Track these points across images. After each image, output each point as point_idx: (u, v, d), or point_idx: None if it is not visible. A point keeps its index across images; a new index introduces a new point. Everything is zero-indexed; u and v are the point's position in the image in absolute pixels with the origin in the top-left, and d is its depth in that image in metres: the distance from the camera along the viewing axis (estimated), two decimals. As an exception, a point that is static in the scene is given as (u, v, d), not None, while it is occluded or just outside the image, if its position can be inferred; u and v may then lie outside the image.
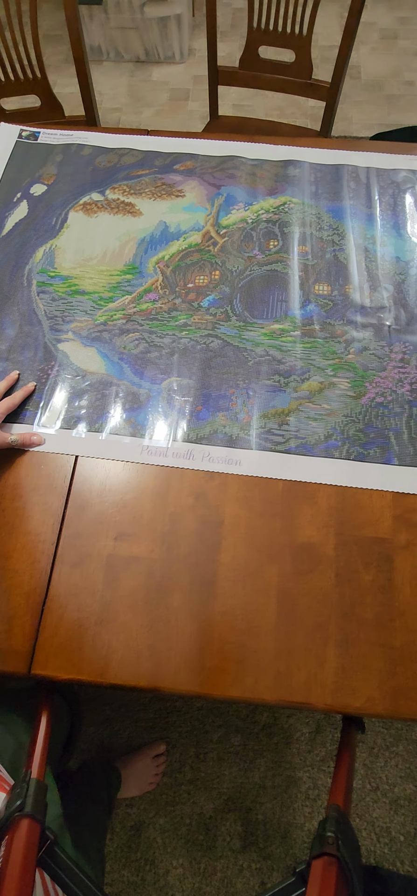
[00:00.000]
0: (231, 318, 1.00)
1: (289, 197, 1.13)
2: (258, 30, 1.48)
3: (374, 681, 0.73)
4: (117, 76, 2.61)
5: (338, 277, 1.04)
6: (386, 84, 2.48)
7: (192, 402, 0.92)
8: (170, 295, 1.03)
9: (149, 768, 1.33)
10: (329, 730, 1.39)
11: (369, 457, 0.87)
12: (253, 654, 0.74)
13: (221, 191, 1.15)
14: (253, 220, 1.11)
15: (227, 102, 2.45)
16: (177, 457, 0.88)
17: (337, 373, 0.94)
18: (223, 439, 0.89)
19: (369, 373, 0.94)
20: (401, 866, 1.28)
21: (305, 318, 1.00)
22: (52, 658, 0.75)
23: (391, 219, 1.10)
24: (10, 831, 0.60)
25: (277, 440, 0.88)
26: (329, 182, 1.15)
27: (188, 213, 1.12)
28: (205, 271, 1.05)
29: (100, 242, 1.10)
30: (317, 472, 0.86)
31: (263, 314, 1.00)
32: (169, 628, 0.76)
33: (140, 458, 0.88)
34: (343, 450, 0.87)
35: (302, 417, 0.90)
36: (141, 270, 1.06)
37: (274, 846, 1.30)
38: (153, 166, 1.19)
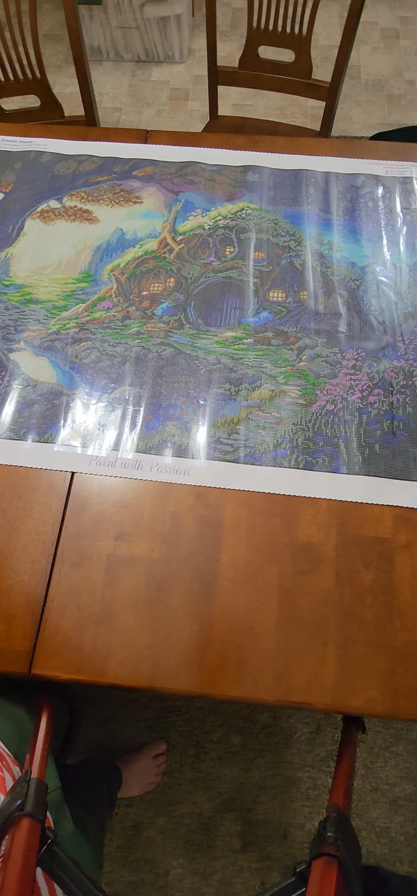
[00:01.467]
0: (184, 326, 0.99)
1: (247, 203, 1.13)
2: (258, 30, 1.47)
3: (374, 681, 0.73)
4: (117, 76, 2.61)
5: (293, 284, 1.03)
6: (387, 84, 2.48)
7: (143, 412, 0.92)
8: (125, 303, 1.02)
9: (149, 768, 1.33)
10: (329, 730, 1.39)
11: (317, 465, 0.86)
12: (253, 654, 0.74)
13: (179, 197, 1.14)
14: (210, 226, 1.10)
15: (228, 102, 2.45)
16: (125, 467, 0.87)
17: (289, 380, 0.93)
18: (172, 449, 0.88)
19: (320, 380, 0.93)
20: (401, 866, 1.28)
21: (258, 325, 0.99)
22: (53, 658, 0.75)
23: (348, 224, 1.09)
24: (11, 830, 0.60)
25: (226, 449, 0.88)
26: (287, 187, 1.14)
27: (145, 220, 1.12)
28: (160, 279, 1.05)
29: (56, 250, 1.09)
30: (265, 482, 0.85)
31: (217, 322, 1.00)
32: (169, 628, 0.76)
33: (88, 468, 0.87)
34: (291, 458, 0.87)
35: (251, 426, 0.90)
36: (96, 278, 1.05)
37: (273, 846, 1.30)
38: (112, 172, 1.18)
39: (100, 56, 2.65)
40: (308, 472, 0.85)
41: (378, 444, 0.87)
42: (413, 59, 2.55)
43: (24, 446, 0.89)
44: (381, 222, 1.09)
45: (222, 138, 1.22)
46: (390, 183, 1.13)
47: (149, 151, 1.20)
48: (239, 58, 1.55)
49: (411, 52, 2.57)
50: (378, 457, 0.86)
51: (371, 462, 0.86)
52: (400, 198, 1.12)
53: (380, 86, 2.48)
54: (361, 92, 2.47)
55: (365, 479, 0.85)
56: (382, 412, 0.90)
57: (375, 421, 0.89)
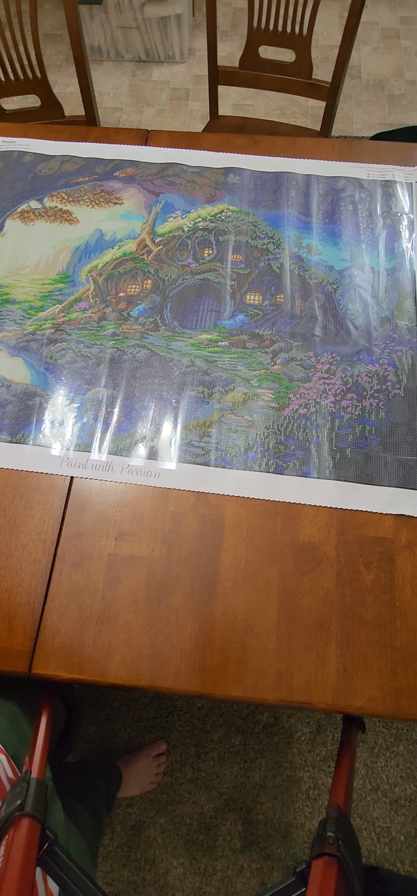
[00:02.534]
0: (160, 328, 0.99)
1: (227, 205, 1.12)
2: (258, 29, 1.47)
3: (375, 681, 0.72)
4: (118, 76, 2.61)
5: (270, 287, 1.03)
6: (388, 84, 2.48)
7: (116, 414, 0.92)
8: (101, 304, 1.02)
9: (149, 768, 1.33)
10: (329, 729, 1.39)
11: (287, 469, 0.86)
12: (254, 654, 0.74)
13: (160, 198, 1.14)
14: (189, 228, 1.10)
15: (228, 102, 2.45)
16: (96, 469, 0.87)
17: (262, 384, 0.93)
18: (143, 451, 0.88)
19: (294, 384, 0.93)
20: (401, 866, 1.28)
21: (234, 328, 0.99)
22: (53, 657, 0.75)
23: (327, 227, 1.09)
24: (11, 830, 0.60)
25: (197, 452, 0.88)
26: (268, 190, 1.13)
27: (125, 221, 1.11)
28: (138, 280, 1.04)
29: (35, 251, 1.09)
30: (234, 485, 0.85)
31: (193, 324, 0.99)
32: (170, 628, 0.76)
33: (60, 469, 0.87)
34: (262, 462, 0.86)
35: (223, 429, 0.89)
36: (73, 279, 1.05)
37: (274, 846, 1.30)
38: (93, 173, 1.17)
39: (100, 56, 2.65)
40: (277, 476, 0.85)
41: (349, 449, 0.87)
42: (413, 59, 2.55)
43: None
44: (361, 226, 1.08)
45: (222, 138, 1.22)
46: (371, 186, 1.13)
47: (132, 152, 1.20)
48: (239, 58, 1.55)
49: (411, 52, 2.57)
50: (348, 461, 0.86)
51: (341, 466, 0.86)
52: (381, 201, 1.11)
53: (381, 86, 2.48)
54: (362, 92, 2.47)
55: (336, 484, 0.84)
56: (355, 417, 0.89)
57: (347, 425, 0.89)
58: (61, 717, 1.05)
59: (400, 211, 1.10)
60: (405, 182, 1.13)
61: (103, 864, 1.30)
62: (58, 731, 1.03)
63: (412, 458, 0.86)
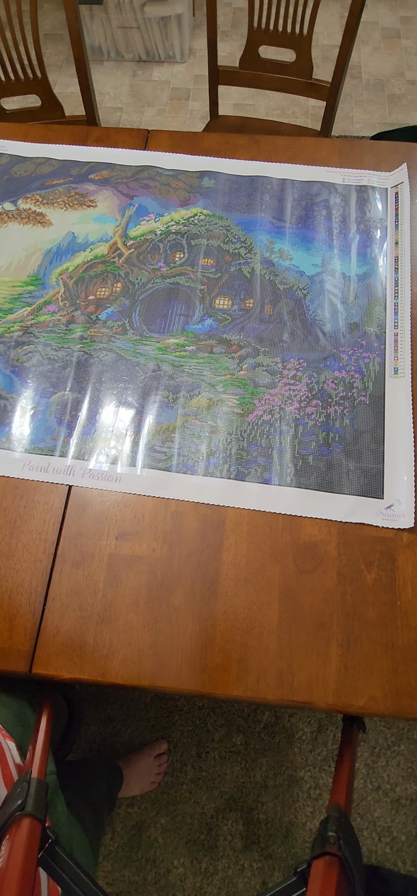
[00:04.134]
0: (127, 332, 0.98)
1: (201, 209, 1.11)
2: (258, 29, 1.47)
3: (377, 680, 0.72)
4: (118, 76, 2.61)
5: (240, 291, 1.02)
6: (388, 83, 2.48)
7: (81, 417, 0.91)
8: (70, 307, 1.01)
9: (150, 767, 1.33)
10: (330, 729, 1.39)
11: (248, 476, 0.85)
12: (256, 654, 0.74)
13: (133, 201, 1.13)
14: (162, 231, 1.09)
15: (229, 102, 2.45)
16: (58, 472, 0.87)
17: (227, 389, 0.92)
18: (106, 455, 0.88)
19: (259, 390, 0.92)
20: (402, 866, 1.28)
21: (202, 332, 0.98)
22: (54, 657, 0.75)
23: (300, 232, 1.07)
24: (11, 830, 0.60)
25: (159, 458, 0.87)
26: (243, 194, 1.12)
27: (98, 224, 1.10)
28: (107, 283, 1.03)
29: (6, 253, 1.08)
30: (196, 492, 0.84)
31: (161, 328, 0.99)
32: (171, 627, 0.76)
33: (21, 473, 0.87)
34: (223, 468, 0.86)
35: (186, 434, 0.89)
36: (43, 282, 1.05)
37: (275, 846, 1.30)
38: (68, 175, 1.17)
39: (100, 56, 2.65)
40: (238, 483, 0.85)
41: (311, 456, 0.86)
42: (414, 58, 2.55)
43: None
44: (334, 231, 1.07)
45: (223, 138, 1.22)
46: (345, 191, 1.11)
47: (108, 155, 1.19)
48: (239, 57, 1.55)
49: (412, 52, 2.57)
50: (310, 468, 0.85)
51: (303, 473, 0.85)
52: (355, 207, 1.09)
53: (381, 85, 2.48)
54: (362, 92, 2.46)
55: (295, 491, 0.84)
56: (318, 423, 0.89)
57: (311, 432, 0.88)
58: (63, 716, 1.05)
59: (374, 217, 1.08)
60: (380, 187, 1.11)
61: (104, 864, 1.30)
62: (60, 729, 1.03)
63: (374, 467, 0.85)
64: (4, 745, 0.70)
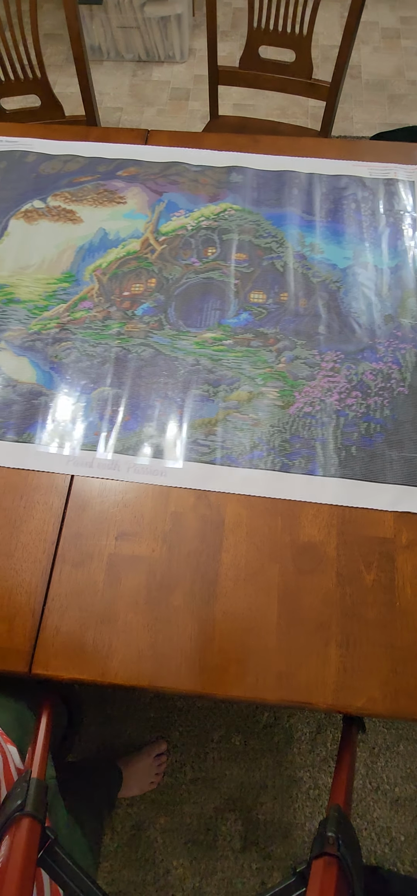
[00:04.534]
0: (164, 327, 0.99)
1: (230, 203, 1.12)
2: (258, 29, 1.47)
3: (376, 681, 0.72)
4: (118, 76, 2.61)
5: (274, 285, 1.03)
6: (389, 84, 2.48)
7: (121, 413, 0.92)
8: (106, 303, 1.02)
9: (150, 768, 1.33)
10: (330, 729, 1.39)
11: (293, 467, 0.86)
12: (255, 654, 0.74)
13: (163, 197, 1.14)
14: (193, 227, 1.10)
15: (228, 102, 2.45)
16: (102, 468, 0.87)
17: (267, 382, 0.93)
18: (149, 450, 0.88)
19: (298, 382, 0.93)
20: (402, 866, 1.28)
21: (238, 326, 0.99)
22: (53, 657, 0.75)
23: (330, 226, 1.09)
24: (11, 830, 0.60)
25: (203, 451, 0.88)
26: (271, 189, 1.14)
27: (128, 221, 1.11)
28: (142, 279, 1.04)
29: (39, 250, 1.09)
30: (241, 484, 0.85)
31: (197, 322, 0.99)
32: (170, 628, 0.76)
33: (65, 468, 0.87)
34: (268, 460, 0.86)
35: (229, 427, 0.89)
36: (77, 279, 1.05)
37: (274, 846, 1.30)
38: (96, 173, 1.18)
39: (100, 56, 2.65)
40: (283, 474, 0.85)
41: (354, 447, 0.87)
42: (414, 58, 2.55)
43: (2, 446, 0.90)
44: (363, 224, 1.08)
45: (223, 138, 1.22)
46: (373, 185, 1.13)
47: (134, 152, 1.20)
48: (239, 57, 1.55)
49: (412, 52, 2.57)
50: (354, 459, 0.86)
51: (347, 464, 0.86)
52: (383, 199, 1.11)
53: (381, 86, 2.48)
54: (362, 92, 2.47)
55: (341, 482, 0.85)
56: (359, 415, 0.90)
57: (352, 423, 0.89)
58: (63, 717, 1.05)
59: (403, 209, 1.10)
60: (407, 180, 1.13)
61: (104, 864, 1.30)
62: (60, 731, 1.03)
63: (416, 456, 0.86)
64: (6, 750, 0.70)
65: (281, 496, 0.84)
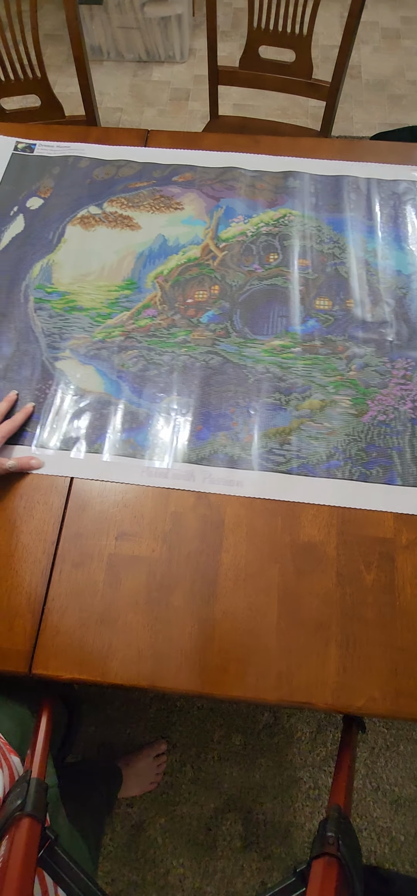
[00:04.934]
0: (231, 335, 0.98)
1: (289, 209, 1.11)
2: (258, 29, 1.47)
3: (376, 681, 0.72)
4: (118, 76, 2.61)
5: (339, 292, 1.01)
6: (389, 84, 2.48)
7: (192, 422, 0.90)
8: (169, 311, 1.01)
9: (150, 768, 1.33)
10: (330, 729, 1.39)
11: (371, 477, 0.85)
12: (255, 654, 0.74)
13: (220, 203, 1.13)
14: (252, 233, 1.09)
15: (229, 102, 2.45)
16: (178, 478, 0.86)
17: (339, 390, 0.92)
18: (224, 460, 0.87)
19: (370, 390, 0.92)
20: (402, 866, 1.28)
21: (306, 333, 0.97)
22: (53, 657, 0.75)
23: (392, 231, 1.08)
24: (11, 830, 0.60)
25: (279, 460, 0.86)
26: (329, 194, 1.13)
27: (187, 227, 1.10)
28: (205, 286, 1.03)
29: (98, 257, 1.07)
30: (319, 493, 0.84)
31: (263, 330, 0.98)
32: (170, 628, 0.76)
33: (140, 479, 0.86)
34: (345, 470, 0.85)
35: (303, 437, 0.88)
36: (139, 286, 1.04)
37: (274, 846, 1.30)
38: (151, 178, 1.17)
39: (101, 56, 2.65)
40: (362, 484, 0.84)
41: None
42: (414, 59, 2.55)
43: (73, 456, 0.88)
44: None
45: (224, 138, 1.22)
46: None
47: (188, 157, 1.19)
48: (239, 58, 1.55)
49: (412, 52, 2.57)
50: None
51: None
52: None
53: (381, 86, 2.48)
54: (362, 92, 2.47)
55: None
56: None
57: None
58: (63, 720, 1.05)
59: None
60: None
61: (104, 864, 1.30)
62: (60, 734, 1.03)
63: None
64: (10, 761, 0.70)
65: (361, 507, 0.83)
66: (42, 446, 0.89)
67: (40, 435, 0.90)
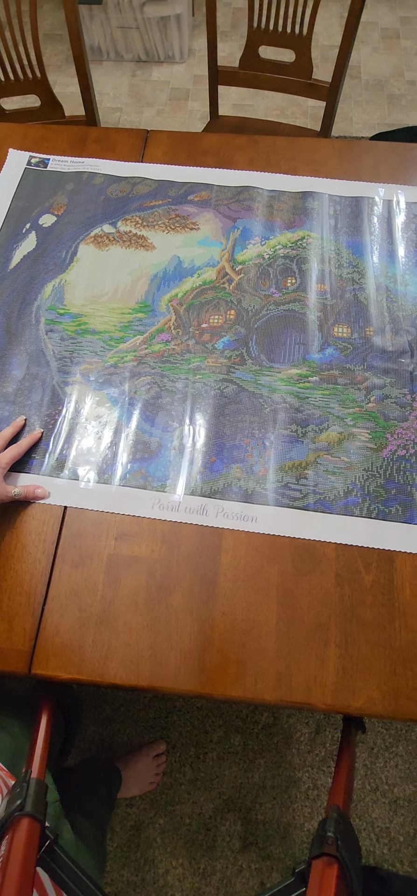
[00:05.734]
0: (246, 362, 0.94)
1: (308, 231, 1.07)
2: (258, 30, 1.47)
3: (374, 681, 0.73)
4: (118, 76, 2.61)
5: (358, 319, 0.97)
6: (388, 84, 2.48)
7: (206, 453, 0.87)
8: (184, 335, 0.97)
9: (149, 768, 1.33)
10: (329, 730, 1.39)
11: (390, 515, 0.81)
12: (254, 654, 0.74)
13: (237, 224, 1.09)
14: (269, 255, 1.05)
15: (228, 102, 2.45)
16: (190, 512, 0.83)
17: (357, 423, 0.88)
18: (238, 493, 0.83)
19: (390, 423, 0.88)
20: (401, 867, 1.28)
21: (324, 362, 0.94)
22: (53, 658, 0.75)
23: (413, 256, 1.04)
24: (11, 830, 0.60)
25: (295, 495, 0.83)
26: (348, 216, 1.09)
27: (203, 248, 1.07)
28: (220, 310, 0.99)
29: (112, 278, 1.04)
30: (336, 532, 0.81)
31: (280, 357, 0.94)
32: (169, 628, 0.76)
33: (151, 512, 0.83)
34: (363, 507, 0.82)
35: (320, 471, 0.84)
36: (153, 308, 1.00)
37: (273, 846, 1.30)
38: (166, 196, 1.13)
39: (100, 56, 2.65)
40: (381, 522, 0.81)
41: None
42: (413, 59, 2.55)
43: (83, 487, 0.85)
44: None
45: (223, 138, 1.22)
46: None
47: (205, 175, 1.16)
48: (239, 58, 1.55)
49: (411, 53, 2.57)
50: None
51: None
52: None
53: (381, 86, 2.48)
54: (361, 92, 2.47)
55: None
56: None
57: None
58: (61, 728, 1.06)
59: None
60: None
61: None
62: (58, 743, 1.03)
63: None
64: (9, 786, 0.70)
65: (379, 546, 0.80)
66: (50, 475, 0.86)
67: (48, 462, 0.87)
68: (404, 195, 1.12)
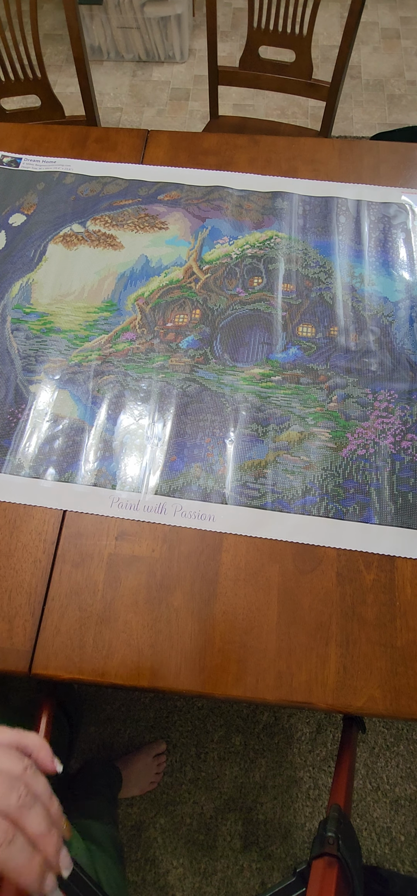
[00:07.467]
0: (210, 361, 0.95)
1: (276, 231, 1.08)
2: (258, 30, 1.48)
3: (375, 680, 0.72)
4: (118, 76, 2.61)
5: (324, 319, 0.98)
6: (388, 84, 2.48)
7: (166, 451, 0.87)
8: (149, 335, 0.97)
9: (149, 768, 1.33)
10: (330, 729, 1.39)
11: (347, 514, 0.81)
12: (255, 654, 0.74)
13: (206, 223, 1.09)
14: (237, 255, 1.05)
15: (228, 102, 2.45)
16: (149, 510, 0.83)
17: (318, 422, 0.88)
18: (196, 492, 0.84)
19: (351, 422, 0.88)
20: (402, 866, 1.28)
21: (287, 361, 0.94)
22: (53, 658, 0.75)
23: (380, 256, 1.04)
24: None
25: (253, 494, 0.83)
26: (318, 216, 1.09)
27: (171, 247, 1.07)
28: (186, 310, 1.00)
29: (79, 277, 1.04)
30: (292, 531, 0.81)
31: (244, 357, 0.95)
32: (170, 628, 0.76)
33: (110, 511, 0.83)
34: (321, 506, 0.82)
35: (279, 470, 0.85)
36: (119, 308, 1.01)
37: (274, 846, 1.30)
38: (137, 196, 1.13)
39: (100, 56, 2.65)
40: (338, 521, 0.81)
41: (411, 493, 0.82)
42: (413, 59, 2.55)
43: (43, 485, 0.85)
44: (415, 255, 1.04)
45: (223, 138, 1.22)
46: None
47: (175, 175, 1.16)
48: (239, 58, 1.55)
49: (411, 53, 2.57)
50: (411, 507, 0.82)
51: (403, 512, 0.81)
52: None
53: (381, 86, 2.48)
54: (362, 92, 2.47)
55: (398, 531, 0.80)
56: (416, 459, 0.85)
57: (408, 468, 0.84)
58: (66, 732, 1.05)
59: None
60: None
61: (103, 864, 1.30)
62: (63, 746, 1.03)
63: None
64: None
65: (335, 545, 0.80)
66: (11, 473, 0.86)
67: (10, 461, 0.87)
68: (372, 195, 1.12)
